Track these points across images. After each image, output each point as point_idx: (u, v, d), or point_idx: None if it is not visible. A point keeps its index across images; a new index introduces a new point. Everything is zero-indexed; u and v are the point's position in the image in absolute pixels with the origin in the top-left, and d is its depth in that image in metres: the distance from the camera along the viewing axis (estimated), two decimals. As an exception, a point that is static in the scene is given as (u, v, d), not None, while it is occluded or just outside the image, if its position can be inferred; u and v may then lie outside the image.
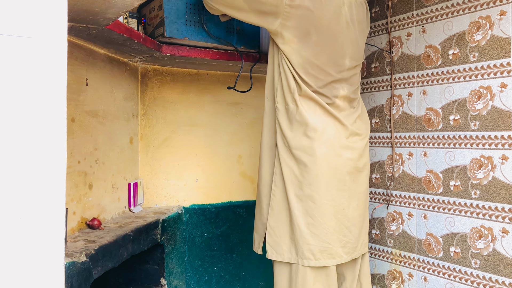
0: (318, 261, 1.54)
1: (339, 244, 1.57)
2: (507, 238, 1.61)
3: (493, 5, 1.65)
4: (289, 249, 1.57)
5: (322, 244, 1.54)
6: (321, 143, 1.54)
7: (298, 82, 1.55)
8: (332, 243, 1.55)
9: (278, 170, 1.60)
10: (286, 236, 1.58)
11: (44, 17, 0.79)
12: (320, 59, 1.56)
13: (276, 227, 1.60)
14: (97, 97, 1.61)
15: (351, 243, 1.61)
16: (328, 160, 1.55)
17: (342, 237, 1.58)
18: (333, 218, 1.56)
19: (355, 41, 1.67)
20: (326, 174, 1.55)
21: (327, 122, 1.58)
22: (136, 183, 1.92)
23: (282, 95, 1.58)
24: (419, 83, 1.91)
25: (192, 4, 1.73)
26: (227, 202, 2.20)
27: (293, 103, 1.56)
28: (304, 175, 1.54)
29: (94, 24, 1.28)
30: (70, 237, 1.40)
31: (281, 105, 1.59)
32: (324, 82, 1.58)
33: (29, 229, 0.78)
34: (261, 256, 2.27)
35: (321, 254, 1.54)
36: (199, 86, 2.14)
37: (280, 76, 1.59)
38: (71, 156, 1.42)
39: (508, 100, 1.61)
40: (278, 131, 1.60)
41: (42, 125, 0.79)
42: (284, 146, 1.58)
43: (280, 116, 1.59)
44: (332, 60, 1.59)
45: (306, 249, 1.53)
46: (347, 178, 1.60)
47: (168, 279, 1.90)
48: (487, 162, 1.67)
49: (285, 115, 1.58)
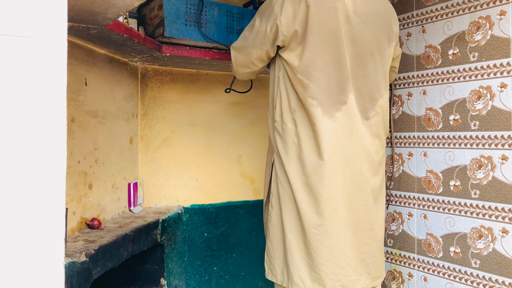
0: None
1: (334, 277, 1.45)
2: (507, 238, 1.61)
3: (493, 5, 1.65)
4: (281, 272, 1.53)
5: (312, 273, 1.46)
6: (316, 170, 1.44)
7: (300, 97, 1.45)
8: (323, 275, 1.45)
9: (275, 191, 1.54)
10: (280, 258, 1.53)
11: (44, 17, 0.79)
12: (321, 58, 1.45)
13: (271, 248, 1.56)
14: (97, 97, 1.61)
15: (350, 276, 1.47)
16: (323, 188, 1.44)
17: (339, 270, 1.45)
18: (326, 249, 1.45)
19: (361, 36, 1.48)
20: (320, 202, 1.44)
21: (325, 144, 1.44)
22: (136, 183, 1.92)
23: (281, 114, 1.52)
24: (419, 83, 1.91)
25: (192, 4, 1.74)
26: (227, 202, 2.20)
27: (292, 123, 1.48)
28: (297, 201, 1.47)
29: (94, 24, 1.28)
30: (70, 237, 1.40)
31: (278, 125, 1.53)
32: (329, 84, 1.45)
33: (29, 229, 0.78)
34: (261, 256, 2.28)
35: (311, 282, 1.46)
36: (199, 86, 2.14)
37: (279, 93, 1.52)
38: (71, 156, 1.42)
39: (508, 100, 1.61)
40: (275, 151, 1.54)
41: (42, 125, 0.79)
42: (280, 167, 1.52)
43: (277, 135, 1.53)
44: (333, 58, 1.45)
45: (296, 275, 1.47)
46: (341, 205, 1.46)
47: (168, 279, 1.90)
48: (487, 162, 1.67)
49: (281, 135, 1.51)
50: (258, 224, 2.27)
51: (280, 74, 1.52)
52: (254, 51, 1.54)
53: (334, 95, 1.46)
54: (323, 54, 1.44)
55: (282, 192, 1.51)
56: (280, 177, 1.52)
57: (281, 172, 1.52)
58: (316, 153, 1.45)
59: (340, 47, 1.45)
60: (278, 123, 1.53)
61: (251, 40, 1.54)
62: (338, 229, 1.45)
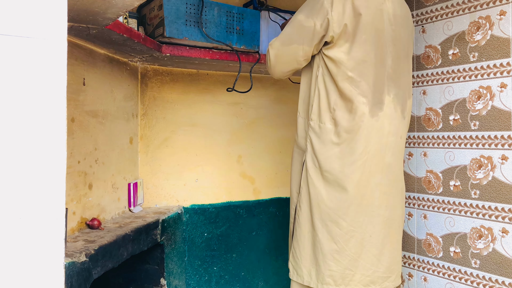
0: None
1: (365, 272, 1.50)
2: (507, 238, 1.61)
3: (493, 5, 1.65)
4: (309, 272, 1.54)
5: (344, 271, 1.49)
6: (355, 168, 1.47)
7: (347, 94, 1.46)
8: (355, 270, 1.49)
9: (305, 190, 1.54)
10: (307, 259, 1.54)
11: (44, 17, 0.79)
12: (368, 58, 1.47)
13: (298, 249, 1.57)
14: (97, 97, 1.61)
15: (379, 273, 1.52)
16: (359, 186, 1.47)
17: (369, 266, 1.50)
18: (359, 245, 1.49)
19: (399, 38, 1.54)
20: (355, 200, 1.48)
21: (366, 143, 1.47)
22: (136, 183, 1.92)
23: (318, 113, 1.51)
24: (419, 83, 1.91)
25: (192, 4, 1.74)
26: (227, 202, 2.20)
27: (331, 123, 1.49)
28: (332, 200, 1.49)
29: (94, 24, 1.28)
30: (70, 237, 1.40)
31: (315, 124, 1.52)
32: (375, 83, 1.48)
33: (29, 229, 0.78)
34: (261, 256, 2.28)
35: (342, 280, 1.49)
36: (199, 86, 2.14)
37: (317, 91, 1.52)
38: (71, 156, 1.42)
39: (508, 100, 1.61)
40: (309, 150, 1.53)
41: (42, 125, 0.79)
42: (314, 166, 1.52)
43: (312, 134, 1.53)
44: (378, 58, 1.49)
45: (327, 275, 1.49)
46: (377, 204, 1.50)
47: (168, 279, 1.90)
48: (487, 162, 1.67)
49: (319, 135, 1.51)
50: (258, 224, 2.27)
51: (319, 73, 1.52)
52: (301, 48, 1.51)
53: (378, 94, 1.49)
54: (371, 53, 1.47)
55: (314, 192, 1.52)
56: (312, 177, 1.52)
57: (313, 171, 1.52)
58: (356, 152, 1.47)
59: (385, 47, 1.50)
60: (315, 122, 1.53)
61: (296, 37, 1.51)
62: (372, 226, 1.50)
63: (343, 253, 1.48)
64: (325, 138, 1.50)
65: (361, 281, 1.50)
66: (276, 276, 2.32)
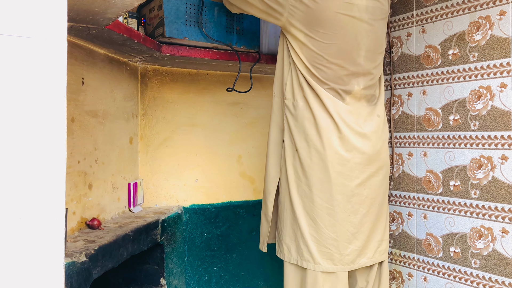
0: (318, 266, 1.50)
1: (343, 251, 1.51)
2: (507, 238, 1.61)
3: (493, 5, 1.65)
4: (288, 248, 1.57)
5: (321, 248, 1.50)
6: (327, 145, 1.48)
7: (306, 78, 1.50)
8: (333, 249, 1.50)
9: (284, 169, 1.57)
10: (287, 235, 1.57)
11: (44, 17, 0.79)
12: (329, 52, 1.49)
13: (280, 226, 1.60)
14: (97, 97, 1.61)
15: (358, 251, 1.53)
16: (333, 163, 1.49)
17: (347, 244, 1.51)
18: (337, 224, 1.50)
19: (373, 30, 1.56)
20: (330, 178, 1.49)
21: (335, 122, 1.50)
22: (136, 183, 1.92)
23: (292, 91, 1.54)
24: (418, 83, 1.91)
25: (192, 4, 1.74)
26: (227, 202, 2.20)
27: (302, 100, 1.51)
28: (308, 177, 1.51)
29: (94, 24, 1.28)
30: (70, 237, 1.40)
31: (289, 102, 1.55)
32: (336, 76, 1.51)
33: (29, 229, 0.78)
34: (261, 256, 2.28)
35: (320, 258, 1.50)
36: (199, 86, 2.14)
37: (290, 71, 1.55)
38: (71, 156, 1.42)
39: (508, 100, 1.61)
40: (286, 129, 1.56)
41: (42, 125, 0.79)
42: (290, 144, 1.55)
43: (288, 113, 1.55)
44: (345, 53, 1.51)
45: (305, 251, 1.51)
46: (354, 183, 1.51)
47: (168, 279, 1.90)
48: (487, 162, 1.67)
49: (293, 112, 1.54)
50: (258, 224, 2.27)
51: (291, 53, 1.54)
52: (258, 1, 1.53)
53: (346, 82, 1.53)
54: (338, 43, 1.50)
55: (291, 169, 1.54)
56: (289, 155, 1.55)
57: (290, 150, 1.55)
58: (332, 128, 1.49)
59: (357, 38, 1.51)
60: (289, 100, 1.55)
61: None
62: (350, 205, 1.51)
63: (319, 231, 1.50)
64: (298, 115, 1.53)
65: (340, 260, 1.51)
66: (276, 276, 2.32)
